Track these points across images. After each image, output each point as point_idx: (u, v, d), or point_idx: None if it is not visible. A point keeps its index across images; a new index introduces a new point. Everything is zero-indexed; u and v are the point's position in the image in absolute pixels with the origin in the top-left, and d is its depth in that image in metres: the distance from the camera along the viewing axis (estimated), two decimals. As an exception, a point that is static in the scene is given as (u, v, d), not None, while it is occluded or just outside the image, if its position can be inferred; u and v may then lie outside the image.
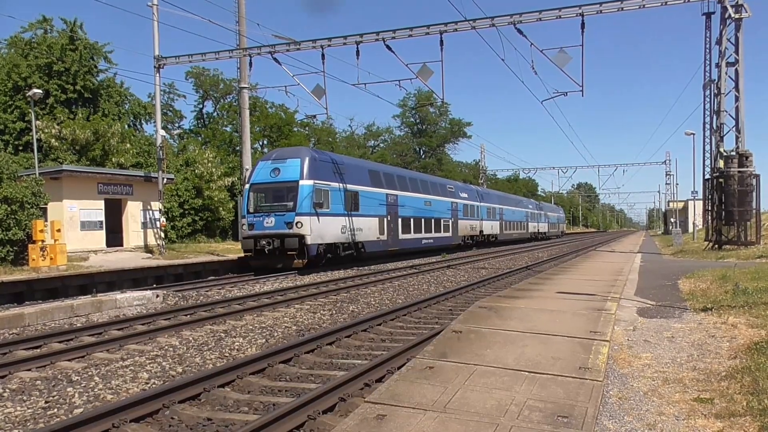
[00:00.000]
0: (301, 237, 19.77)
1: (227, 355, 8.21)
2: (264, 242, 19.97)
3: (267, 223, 20.29)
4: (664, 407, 4.66)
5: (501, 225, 46.82)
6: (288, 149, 24.84)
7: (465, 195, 38.43)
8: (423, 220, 30.07)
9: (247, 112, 26.26)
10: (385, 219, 25.78)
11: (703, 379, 5.33)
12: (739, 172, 21.12)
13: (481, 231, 40.92)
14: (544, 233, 65.80)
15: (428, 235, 30.87)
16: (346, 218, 22.43)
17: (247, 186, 21.82)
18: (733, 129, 21.64)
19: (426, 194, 31.11)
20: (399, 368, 6.24)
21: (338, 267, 22.18)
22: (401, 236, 27.38)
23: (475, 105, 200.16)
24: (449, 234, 34.26)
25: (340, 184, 22.29)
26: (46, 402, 6.07)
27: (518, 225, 53.48)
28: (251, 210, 20.89)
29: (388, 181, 26.93)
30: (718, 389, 4.98)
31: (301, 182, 20.26)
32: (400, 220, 27.34)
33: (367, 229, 23.99)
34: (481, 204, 41.67)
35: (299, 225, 19.75)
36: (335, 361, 7.64)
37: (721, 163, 21.78)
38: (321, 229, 20.58)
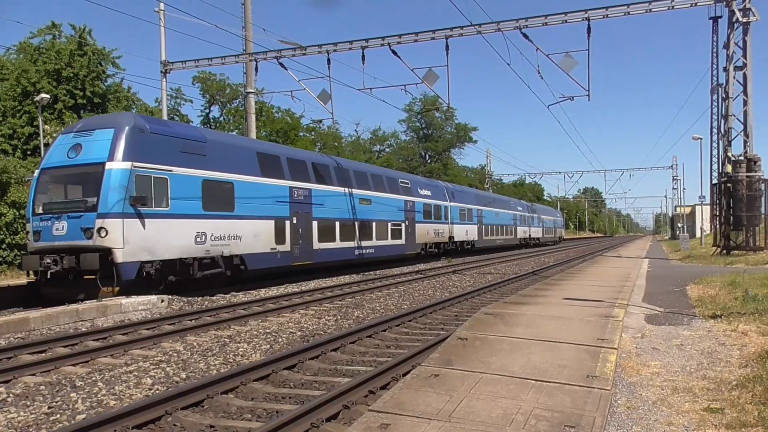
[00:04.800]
0: (107, 251, 13.03)
1: (231, 360, 8.17)
2: (49, 260, 13.18)
3: (57, 229, 13.44)
4: (673, 417, 4.58)
5: (480, 230, 39.84)
6: (101, 117, 15.95)
7: (427, 192, 31.31)
8: (356, 223, 23.18)
9: (254, 116, 26.32)
10: (288, 222, 18.84)
11: (714, 388, 5.25)
12: (747, 176, 20.95)
13: (451, 237, 33.95)
14: (538, 239, 59.15)
15: (366, 243, 23.97)
16: (207, 221, 15.49)
17: (36, 172, 14.80)
18: (742, 133, 21.48)
19: (363, 189, 24.15)
20: (404, 375, 6.19)
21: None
22: (318, 245, 20.45)
23: (481, 110, 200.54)
24: (401, 241, 27.41)
25: (197, 171, 15.34)
26: (49, 407, 6.05)
27: (503, 230, 46.74)
28: (39, 210, 13.90)
29: (296, 171, 19.83)
30: (729, 399, 4.90)
31: (108, 165, 13.33)
32: (315, 223, 20.33)
33: (251, 236, 17.06)
34: (452, 204, 34.58)
35: (103, 232, 13.01)
36: (340, 368, 7.59)
37: (729, 168, 21.62)
38: (149, 239, 13.76)
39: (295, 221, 19.24)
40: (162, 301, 13.30)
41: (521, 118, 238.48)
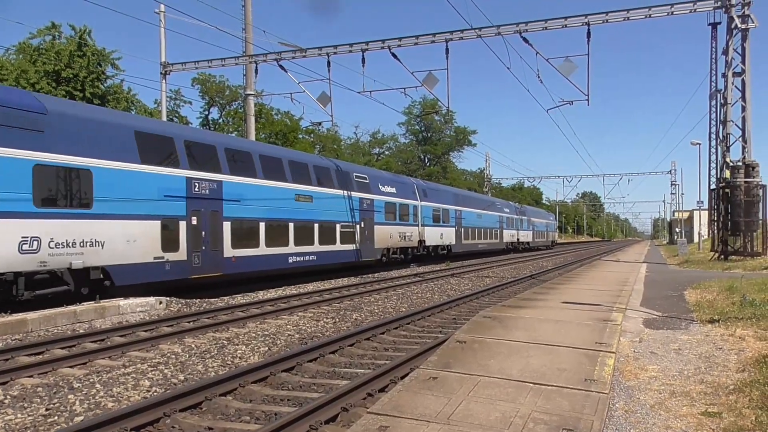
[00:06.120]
0: None
1: (230, 363, 8.16)
2: None
3: None
4: (671, 421, 4.59)
5: (458, 233, 35.34)
6: None
7: (390, 189, 26.85)
8: (291, 225, 19.05)
9: (253, 118, 26.35)
10: (184, 223, 14.86)
11: (711, 393, 5.26)
12: (745, 182, 21.03)
13: (421, 241, 29.74)
14: (527, 243, 55.17)
15: (303, 248, 19.68)
16: (43, 222, 11.61)
17: None
18: (740, 139, 21.55)
19: (301, 184, 19.85)
20: (402, 378, 6.20)
21: None
22: (232, 252, 16.39)
23: (481, 113, 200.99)
24: (352, 246, 22.98)
25: (25, 152, 11.34)
26: (46, 409, 6.03)
27: (487, 233, 42.20)
28: None
29: (199, 158, 15.62)
30: (727, 403, 4.91)
31: None
32: (228, 224, 16.22)
33: (122, 242, 13.16)
34: (423, 203, 30.13)
35: None
36: (338, 370, 7.59)
37: (727, 173, 21.69)
38: None
39: (195, 222, 15.24)
40: (160, 303, 13.28)
41: (521, 122, 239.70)
